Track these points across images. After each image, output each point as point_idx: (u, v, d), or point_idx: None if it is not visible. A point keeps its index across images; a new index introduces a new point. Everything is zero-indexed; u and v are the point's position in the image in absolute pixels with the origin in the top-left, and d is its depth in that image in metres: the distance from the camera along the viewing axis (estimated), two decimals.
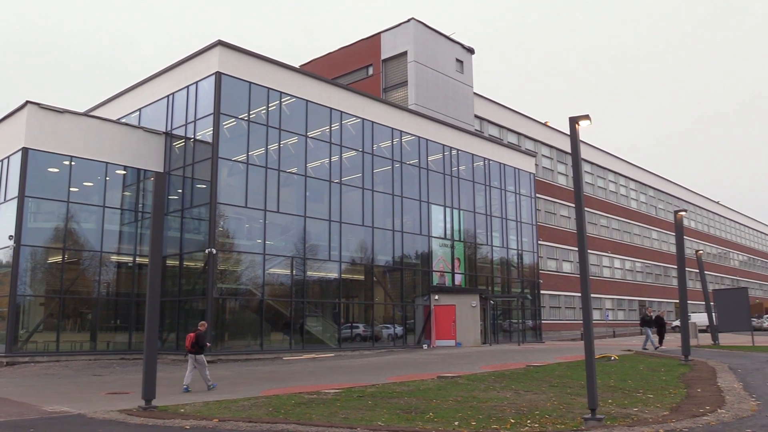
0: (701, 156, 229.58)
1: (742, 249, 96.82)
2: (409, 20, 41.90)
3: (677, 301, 54.55)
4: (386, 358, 26.98)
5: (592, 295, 30.32)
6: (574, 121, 11.82)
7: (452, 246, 38.48)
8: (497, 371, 19.45)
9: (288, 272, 29.88)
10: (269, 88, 29.64)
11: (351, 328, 32.82)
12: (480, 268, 40.35)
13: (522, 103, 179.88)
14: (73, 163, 27.95)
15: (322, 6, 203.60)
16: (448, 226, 38.31)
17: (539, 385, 15.66)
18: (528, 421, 10.52)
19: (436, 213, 37.65)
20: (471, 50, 45.79)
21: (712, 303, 32.91)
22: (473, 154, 40.88)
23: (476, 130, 45.58)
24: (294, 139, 30.73)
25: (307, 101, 31.28)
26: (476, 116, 46.84)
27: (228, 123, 28.36)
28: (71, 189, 27.90)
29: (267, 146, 29.43)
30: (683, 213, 23.94)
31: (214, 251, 26.62)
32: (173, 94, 30.32)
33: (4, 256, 27.15)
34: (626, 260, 65.78)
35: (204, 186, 27.90)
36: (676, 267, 22.19)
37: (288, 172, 30.28)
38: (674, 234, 26.04)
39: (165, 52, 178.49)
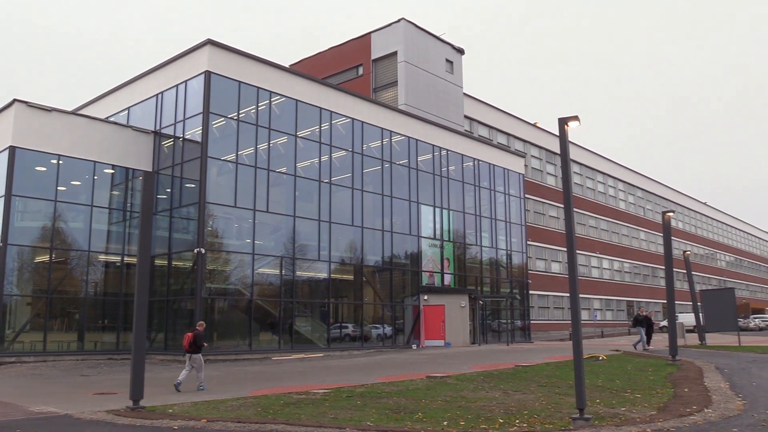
0: (689, 157, 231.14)
1: (729, 250, 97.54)
2: (400, 20, 41.93)
3: (665, 302, 54.92)
4: (375, 358, 26.98)
5: (581, 296, 30.40)
6: (563, 122, 11.86)
7: (441, 246, 38.54)
8: (486, 371, 19.49)
9: (277, 272, 29.82)
10: (259, 88, 29.57)
11: (340, 328, 32.79)
12: (469, 269, 40.43)
13: (511, 104, 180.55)
14: (61, 162, 27.77)
15: (313, 5, 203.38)
16: (438, 227, 38.36)
17: (528, 385, 15.71)
18: (517, 421, 10.55)
19: (426, 213, 37.70)
20: (461, 51, 45.87)
21: (699, 303, 33.12)
22: (463, 155, 40.97)
23: (466, 131, 45.66)
24: (284, 139, 30.68)
25: (297, 101, 31.24)
26: (466, 117, 46.93)
27: (217, 122, 28.26)
28: (59, 188, 27.71)
29: (256, 146, 29.36)
30: (671, 214, 24.06)
31: (203, 251, 26.53)
32: (162, 93, 30.19)
33: None
34: (614, 261, 66.11)
35: (193, 185, 27.79)
36: (664, 267, 22.31)
37: (277, 172, 30.22)
38: (662, 235, 26.18)
39: (154, 51, 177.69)
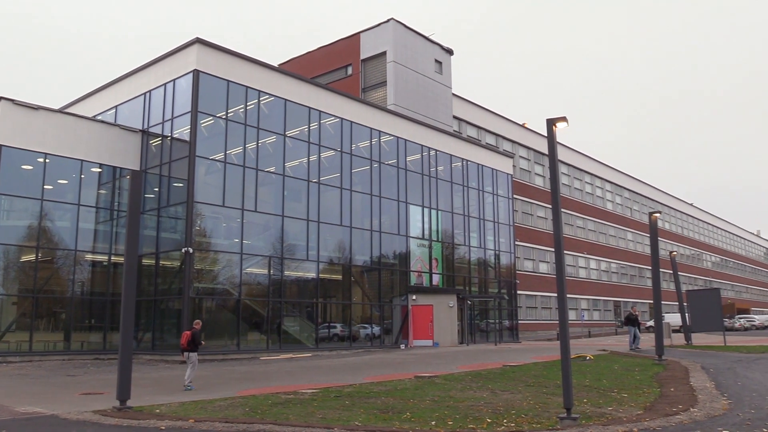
0: (675, 159, 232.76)
1: (715, 250, 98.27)
2: (389, 20, 41.94)
3: (651, 302, 55.22)
4: (364, 358, 26.98)
5: (568, 296, 30.52)
6: (552, 123, 11.90)
7: (430, 246, 38.59)
8: (474, 371, 19.54)
9: (265, 272, 29.76)
10: (247, 87, 29.49)
11: (328, 328, 32.76)
12: (457, 269, 40.52)
13: (500, 105, 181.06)
14: (48, 161, 27.57)
15: (302, 5, 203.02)
16: (426, 227, 38.41)
17: (515, 385, 15.76)
18: (504, 421, 10.59)
19: (414, 213, 37.74)
20: (450, 51, 45.95)
21: (686, 303, 33.33)
22: (451, 155, 41.04)
23: (455, 131, 45.74)
24: (272, 138, 30.61)
25: (286, 100, 31.18)
26: (455, 117, 47.01)
27: (205, 121, 28.16)
28: (45, 186, 27.51)
29: (245, 145, 29.28)
30: (658, 214, 24.21)
31: (191, 250, 26.43)
32: (150, 92, 30.04)
33: None
34: (602, 261, 66.43)
35: (181, 184, 27.67)
36: (651, 268, 22.46)
37: (266, 172, 30.15)
38: (649, 235, 26.33)
39: (142, 49, 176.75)
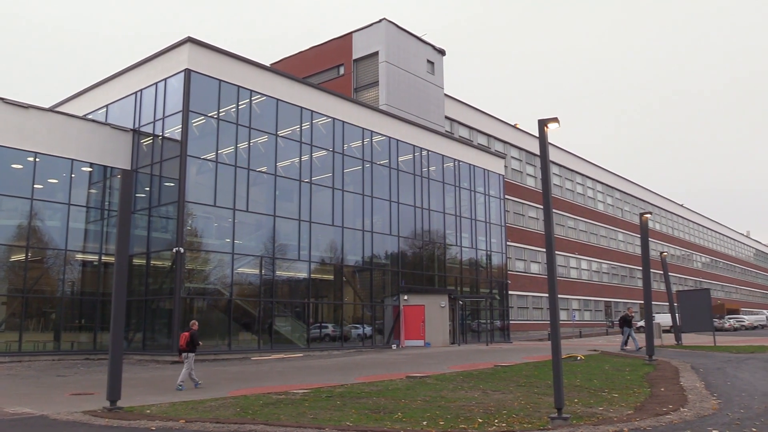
0: (666, 160, 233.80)
1: (705, 251, 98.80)
2: (381, 20, 41.93)
3: (642, 302, 55.47)
4: (355, 358, 26.96)
5: (559, 296, 30.64)
6: (543, 124, 11.92)
7: (422, 246, 38.60)
8: (465, 371, 19.57)
9: (257, 272, 29.69)
10: (239, 86, 29.42)
11: (320, 328, 32.72)
12: (449, 269, 40.56)
13: (492, 105, 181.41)
14: (38, 160, 27.41)
15: (295, 4, 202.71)
16: (418, 227, 38.42)
17: (507, 385, 15.79)
18: (495, 421, 10.60)
19: (406, 213, 37.72)
20: (442, 51, 45.98)
21: (676, 304, 33.50)
22: (443, 155, 41.08)
23: (446, 132, 45.79)
24: (264, 138, 30.55)
25: (278, 100, 31.12)
26: (447, 117, 47.06)
27: (197, 121, 28.07)
28: (35, 186, 27.35)
29: (236, 145, 29.20)
30: (648, 215, 24.31)
31: (182, 250, 26.34)
32: (141, 91, 29.91)
33: None
34: (593, 261, 66.66)
35: (172, 184, 27.57)
36: (641, 268, 22.55)
37: (258, 171, 30.09)
38: (639, 236, 26.42)
39: (135, 49, 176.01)
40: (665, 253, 38.36)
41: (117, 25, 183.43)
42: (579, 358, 23.10)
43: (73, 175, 28.65)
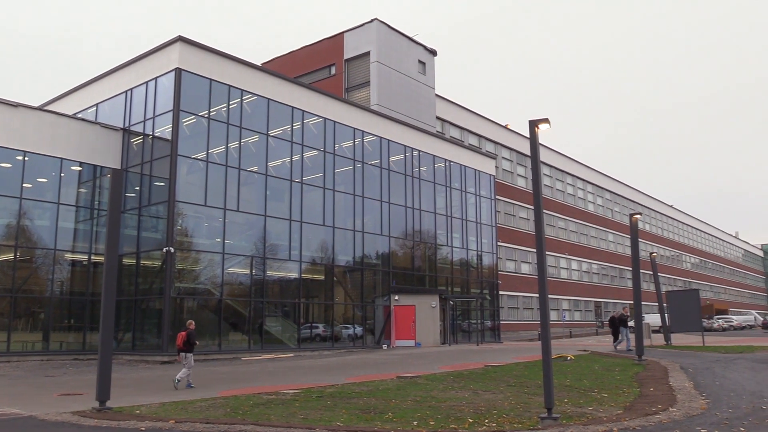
0: (655, 161, 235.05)
1: (694, 252, 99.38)
2: (372, 21, 41.92)
3: (632, 302, 55.73)
4: (346, 359, 26.95)
5: (550, 296, 30.72)
6: (534, 125, 11.94)
7: (413, 246, 38.63)
8: (456, 371, 19.59)
9: (247, 272, 29.63)
10: (230, 86, 29.35)
11: (311, 329, 32.68)
12: (440, 269, 40.61)
13: (483, 106, 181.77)
14: (27, 159, 27.24)
15: (286, 4, 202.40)
16: (409, 227, 38.45)
17: (497, 385, 15.82)
18: (486, 421, 10.62)
19: (397, 213, 37.74)
20: (433, 52, 46.02)
21: (665, 304, 33.65)
22: (434, 156, 41.13)
23: (438, 132, 45.83)
24: (255, 138, 30.48)
25: (269, 99, 31.07)
26: (438, 118, 47.09)
27: (188, 120, 27.98)
28: (24, 185, 27.18)
29: (227, 144, 29.13)
30: (638, 216, 24.40)
31: (172, 250, 26.25)
32: (131, 90, 29.79)
33: None
34: (583, 262, 66.90)
35: (162, 183, 27.47)
36: (631, 269, 22.66)
37: (248, 171, 30.02)
38: (629, 236, 26.53)
39: (123, 47, 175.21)
40: (655, 254, 38.54)
41: (108, 24, 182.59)
42: (569, 359, 23.17)
43: (63, 174, 28.49)
